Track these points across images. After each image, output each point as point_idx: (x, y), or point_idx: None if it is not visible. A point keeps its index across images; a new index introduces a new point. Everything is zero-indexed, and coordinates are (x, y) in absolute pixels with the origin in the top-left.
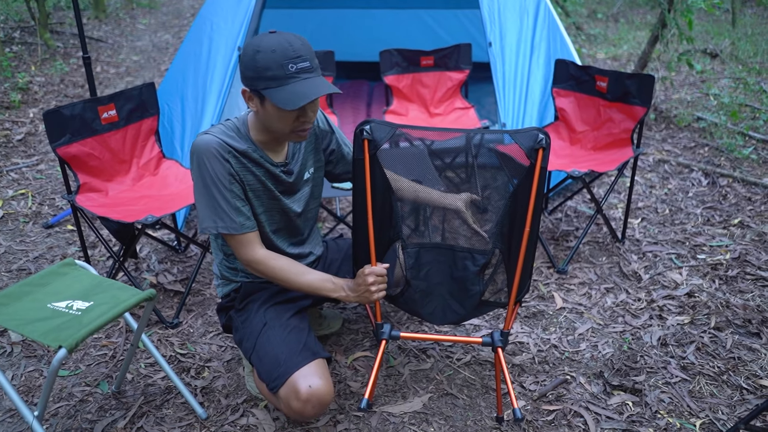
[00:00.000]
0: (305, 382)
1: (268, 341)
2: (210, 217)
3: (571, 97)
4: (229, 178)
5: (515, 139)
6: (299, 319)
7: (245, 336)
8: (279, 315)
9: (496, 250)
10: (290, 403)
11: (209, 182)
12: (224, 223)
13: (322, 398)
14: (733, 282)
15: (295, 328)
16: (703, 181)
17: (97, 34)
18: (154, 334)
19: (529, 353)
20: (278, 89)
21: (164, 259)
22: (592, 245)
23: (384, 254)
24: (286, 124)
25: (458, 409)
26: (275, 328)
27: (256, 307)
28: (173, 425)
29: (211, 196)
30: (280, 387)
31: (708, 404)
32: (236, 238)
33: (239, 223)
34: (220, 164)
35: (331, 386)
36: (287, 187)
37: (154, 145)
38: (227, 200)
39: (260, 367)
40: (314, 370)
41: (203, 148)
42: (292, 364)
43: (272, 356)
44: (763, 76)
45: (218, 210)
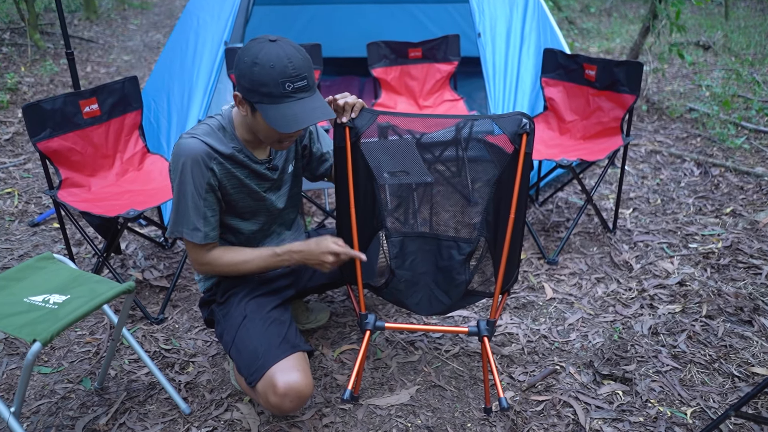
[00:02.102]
0: (283, 377)
1: (247, 334)
2: (178, 221)
3: (559, 86)
4: (206, 187)
5: (498, 124)
6: (280, 311)
7: (225, 329)
8: (260, 307)
9: (482, 238)
10: (268, 397)
11: (186, 187)
12: (188, 229)
13: (300, 393)
14: (725, 270)
15: (275, 321)
16: (695, 171)
17: (88, 34)
18: (139, 330)
19: (519, 344)
20: (272, 107)
21: (150, 255)
22: (582, 236)
23: (368, 244)
24: (272, 138)
25: (446, 400)
26: (255, 321)
27: (237, 300)
28: (156, 421)
29: (183, 201)
30: (258, 381)
31: (699, 392)
32: (194, 245)
33: (204, 233)
34: (200, 172)
35: (310, 380)
36: (272, 184)
37: (138, 139)
38: (197, 208)
39: (239, 361)
40: (293, 364)
41: (188, 153)
42: (270, 358)
43: (250, 350)
44: (756, 68)
45: (187, 216)
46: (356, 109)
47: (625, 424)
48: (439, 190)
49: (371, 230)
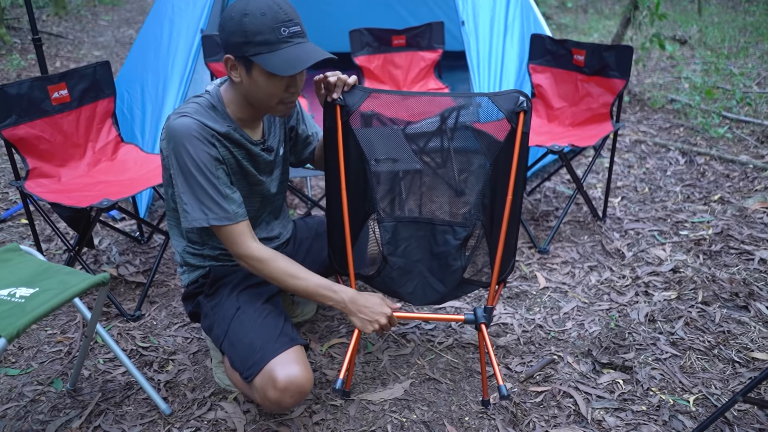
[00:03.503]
0: (283, 370)
1: (242, 327)
2: (198, 208)
3: (547, 72)
4: (214, 162)
5: (495, 102)
6: (274, 304)
7: (216, 322)
8: (252, 300)
9: (478, 222)
10: (267, 392)
11: (193, 169)
12: (215, 213)
13: (301, 387)
14: (717, 256)
15: (271, 313)
16: (680, 159)
17: (57, 29)
18: (114, 328)
19: (514, 334)
20: (270, 55)
21: (125, 250)
22: (572, 224)
23: (360, 230)
24: (275, 94)
25: (441, 394)
26: (249, 313)
27: (228, 291)
28: (134, 422)
29: (196, 185)
30: (256, 375)
31: (700, 379)
32: (229, 229)
33: (232, 212)
34: (203, 148)
35: (311, 374)
36: (267, 166)
37: (111, 128)
38: (216, 187)
39: (233, 355)
40: (293, 357)
41: (182, 132)
42: (268, 351)
43: (246, 343)
44: (732, 60)
45: (206, 199)
46: (348, 86)
47: (627, 414)
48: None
49: (363, 215)
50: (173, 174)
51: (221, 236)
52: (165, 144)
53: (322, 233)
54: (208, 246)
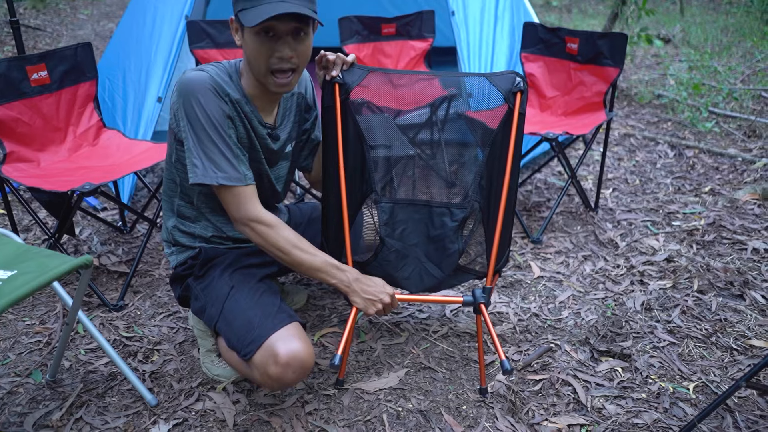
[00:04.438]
0: (284, 345)
1: (237, 305)
2: (208, 165)
3: (540, 61)
4: (227, 121)
5: (492, 82)
6: (269, 284)
7: (209, 302)
8: (246, 279)
9: (475, 204)
10: (267, 369)
11: (205, 123)
12: (225, 173)
13: (303, 362)
14: (711, 246)
15: (266, 291)
16: (669, 153)
17: (35, 22)
18: (96, 318)
19: (510, 323)
20: (251, 10)
21: (107, 240)
22: (565, 215)
23: (357, 211)
24: (262, 59)
25: (438, 383)
26: (244, 292)
27: (219, 272)
28: (118, 414)
29: (208, 140)
30: (255, 352)
31: (699, 367)
32: (237, 190)
33: (242, 174)
34: (216, 102)
35: (312, 350)
36: (268, 155)
37: (93, 112)
38: (228, 146)
39: (229, 334)
40: (293, 332)
41: (196, 85)
42: (267, 327)
43: (244, 320)
44: (716, 59)
45: (217, 157)
46: (347, 64)
47: (627, 401)
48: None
49: (360, 196)
50: (182, 129)
51: (227, 199)
52: (175, 97)
53: (315, 219)
54: (200, 224)
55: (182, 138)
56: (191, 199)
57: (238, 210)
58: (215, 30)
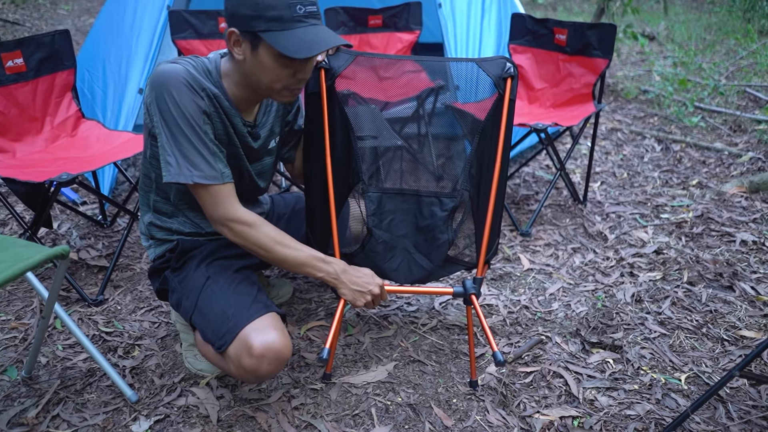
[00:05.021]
0: (259, 336)
1: (212, 296)
2: (183, 163)
3: (528, 53)
4: (203, 116)
5: (482, 67)
6: (247, 273)
7: (184, 294)
8: (223, 270)
9: (465, 193)
10: (242, 361)
11: (179, 119)
12: (201, 171)
13: (279, 352)
14: (699, 238)
15: (243, 282)
16: (656, 147)
17: (13, 17)
18: (75, 314)
19: (499, 315)
20: (283, 33)
21: (87, 234)
22: (553, 208)
23: (344, 202)
24: (280, 78)
25: (427, 376)
26: (220, 282)
27: (196, 263)
28: (97, 411)
29: (182, 137)
30: (229, 344)
31: (690, 358)
32: (215, 189)
33: (219, 171)
34: (191, 96)
35: (289, 341)
36: (248, 152)
37: (72, 102)
38: (204, 142)
39: (204, 326)
40: (268, 323)
41: (170, 78)
42: (242, 318)
43: (218, 311)
44: (700, 56)
45: (192, 155)
46: (332, 49)
47: (620, 393)
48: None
49: (346, 186)
50: (156, 125)
51: (204, 198)
52: (148, 91)
53: (299, 210)
54: (177, 219)
55: (156, 133)
56: (168, 195)
57: (216, 209)
58: (198, 20)
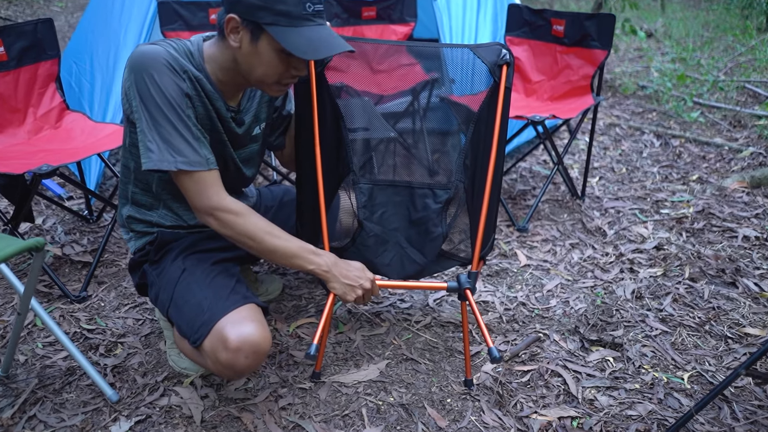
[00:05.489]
0: (234, 329)
1: (188, 288)
2: (165, 148)
3: (525, 45)
4: (185, 99)
5: (477, 54)
6: (227, 265)
7: (161, 288)
8: (200, 261)
9: (460, 184)
10: (217, 355)
11: (160, 102)
12: (185, 157)
13: (256, 346)
14: (701, 234)
15: (221, 273)
16: (655, 142)
17: (6, 13)
18: (56, 310)
19: (496, 312)
20: (290, 30)
21: (72, 229)
22: (551, 203)
23: (334, 194)
24: (274, 72)
25: (420, 375)
26: (196, 274)
27: (173, 256)
28: (75, 411)
29: (164, 120)
30: (205, 338)
31: (693, 356)
32: (199, 176)
33: (204, 157)
34: (172, 78)
35: (268, 333)
36: (232, 138)
37: (55, 93)
38: (187, 126)
39: (180, 320)
40: (246, 315)
41: (149, 60)
42: (217, 310)
43: (193, 304)
44: (698, 53)
45: (175, 139)
46: None
47: (620, 392)
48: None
49: (337, 176)
50: (135, 109)
51: (188, 186)
52: (127, 74)
53: (287, 202)
54: (157, 212)
55: (135, 120)
56: (148, 186)
57: (201, 198)
58: (188, 12)
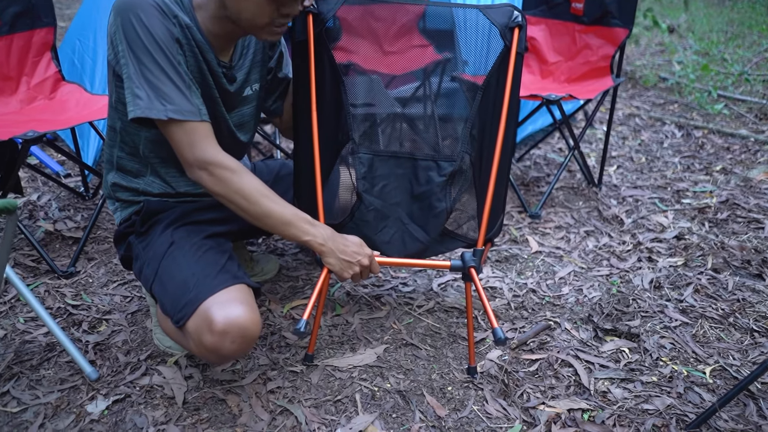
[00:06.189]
0: (221, 310)
1: (174, 263)
2: (154, 95)
3: (542, 24)
4: (175, 45)
5: (487, 15)
6: (219, 241)
7: (146, 262)
8: (191, 235)
9: (466, 156)
10: (202, 337)
11: (149, 46)
12: (175, 105)
13: (244, 329)
14: (725, 224)
15: (212, 249)
16: (677, 133)
17: None
18: (42, 285)
19: (504, 299)
20: None
21: (67, 206)
22: (566, 191)
23: (333, 164)
24: (263, 13)
25: (420, 361)
26: (185, 248)
27: (162, 227)
28: (51, 388)
29: (153, 65)
30: (189, 318)
31: (716, 349)
32: (191, 127)
33: (196, 107)
34: (161, 20)
35: (257, 316)
36: (224, 96)
37: (51, 63)
38: (178, 72)
39: (164, 297)
40: (235, 296)
41: (138, 1)
42: (204, 289)
43: (179, 280)
44: (723, 47)
45: (165, 86)
46: None
47: (636, 385)
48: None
49: (336, 146)
50: (121, 55)
51: (178, 137)
52: (112, 18)
53: (284, 176)
54: (144, 179)
55: (122, 67)
56: (135, 149)
57: (192, 150)
58: None
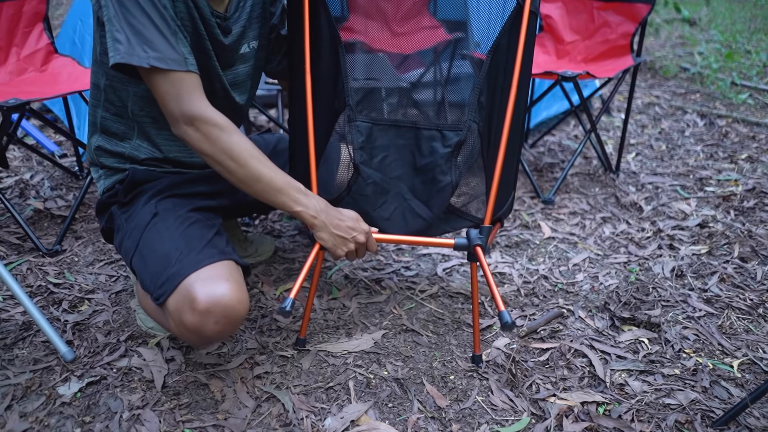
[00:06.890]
0: (205, 287)
1: (157, 235)
2: (135, 40)
3: (558, 2)
4: None
5: None
6: (208, 215)
7: (127, 233)
8: (176, 207)
9: (473, 125)
10: (182, 316)
11: None
12: (158, 52)
13: (229, 308)
14: (751, 213)
15: (198, 222)
16: (699, 122)
17: None
18: (26, 263)
19: (513, 285)
20: None
21: (59, 185)
22: (581, 177)
23: (329, 132)
24: None
25: (421, 348)
26: (169, 220)
27: (147, 197)
28: (23, 369)
29: (136, 8)
30: (170, 295)
31: (744, 341)
32: (177, 77)
33: (182, 55)
34: None
35: (245, 295)
36: (219, 52)
37: (43, 34)
38: (163, 18)
39: (143, 272)
40: (220, 272)
41: None
42: (187, 264)
43: (161, 254)
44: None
45: (148, 31)
46: None
47: (656, 377)
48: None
49: (332, 113)
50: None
51: (162, 88)
52: None
53: (281, 150)
54: (130, 142)
55: (103, 12)
56: (122, 108)
57: (179, 103)
58: None
